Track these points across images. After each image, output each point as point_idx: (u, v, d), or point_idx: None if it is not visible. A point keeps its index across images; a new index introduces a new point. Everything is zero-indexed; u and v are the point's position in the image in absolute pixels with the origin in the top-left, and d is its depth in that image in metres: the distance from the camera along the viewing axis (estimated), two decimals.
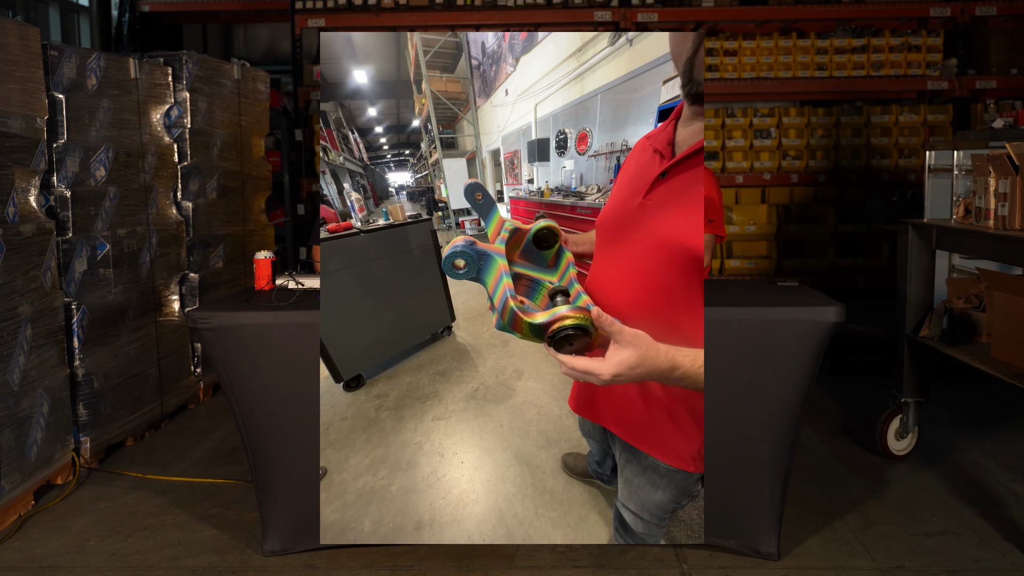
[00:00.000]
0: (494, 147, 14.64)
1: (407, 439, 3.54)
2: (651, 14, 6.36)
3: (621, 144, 6.89)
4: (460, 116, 17.25)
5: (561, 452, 3.19)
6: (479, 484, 3.03)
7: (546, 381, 4.19)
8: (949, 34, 6.52)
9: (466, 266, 1.31)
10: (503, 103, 13.22)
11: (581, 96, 8.14)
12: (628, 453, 1.81)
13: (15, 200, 2.82)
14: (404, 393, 4.24)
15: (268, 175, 4.97)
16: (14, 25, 2.83)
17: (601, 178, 7.43)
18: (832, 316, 2.30)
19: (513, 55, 11.49)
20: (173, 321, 3.90)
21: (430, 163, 19.66)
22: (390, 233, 4.79)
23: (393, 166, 33.32)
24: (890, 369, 4.45)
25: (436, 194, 19.38)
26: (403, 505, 2.90)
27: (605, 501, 2.79)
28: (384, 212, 5.22)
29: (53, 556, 2.57)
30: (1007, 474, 3.13)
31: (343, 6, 6.49)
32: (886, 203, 5.99)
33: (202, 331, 2.41)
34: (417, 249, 5.03)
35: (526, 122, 11.27)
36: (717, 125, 6.50)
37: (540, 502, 2.84)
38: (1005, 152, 2.67)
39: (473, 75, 15.71)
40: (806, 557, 2.50)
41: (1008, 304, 2.75)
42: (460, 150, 17.58)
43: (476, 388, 4.22)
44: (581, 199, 7.18)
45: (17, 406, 2.81)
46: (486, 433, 3.53)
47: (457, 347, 5.17)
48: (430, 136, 17.20)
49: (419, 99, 17.26)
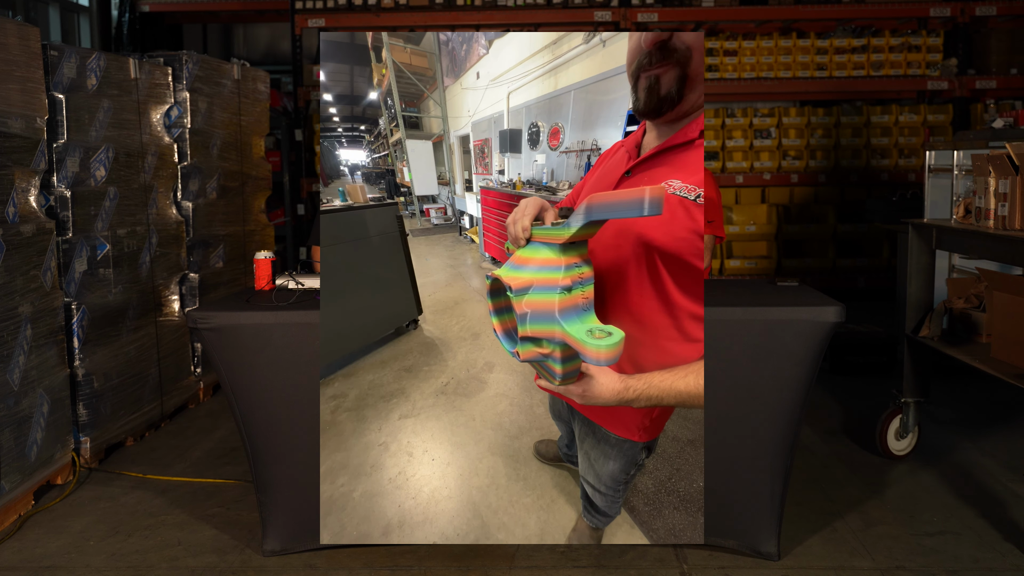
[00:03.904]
0: (463, 132, 13.40)
1: (370, 441, 3.38)
2: (651, 14, 6.37)
3: (592, 143, 6.86)
4: (426, 95, 15.98)
5: (533, 440, 3.20)
6: (451, 480, 2.98)
7: (518, 373, 4.13)
8: (949, 34, 6.52)
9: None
10: (474, 86, 12.30)
11: (555, 91, 8.06)
12: (586, 427, 2.02)
13: (15, 200, 2.82)
14: (365, 392, 4.02)
15: (268, 175, 4.97)
16: (14, 25, 2.83)
17: (572, 175, 7.40)
18: (832, 316, 2.30)
19: (487, 37, 11.03)
20: (173, 321, 3.90)
21: (391, 143, 17.92)
22: (348, 216, 4.37)
23: (345, 141, 30.03)
24: (890, 369, 4.45)
25: (398, 177, 17.73)
26: (367, 511, 2.79)
27: (574, 482, 2.81)
28: (341, 192, 4.82)
29: (53, 556, 2.57)
30: (1007, 474, 3.13)
31: (343, 6, 6.49)
32: (886, 203, 6.00)
33: (202, 331, 2.41)
34: (379, 236, 4.64)
35: (498, 110, 10.68)
36: (717, 125, 6.51)
37: (514, 490, 2.84)
38: (1005, 152, 2.67)
39: (441, 51, 14.18)
40: (806, 557, 2.50)
41: (1008, 304, 2.75)
42: (426, 132, 16.25)
43: (446, 383, 4.08)
44: (553, 194, 7.15)
45: (17, 406, 2.81)
46: (457, 428, 3.46)
47: (424, 341, 4.96)
48: (391, 113, 15.74)
49: (378, 68, 15.87)
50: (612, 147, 1.92)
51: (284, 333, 2.39)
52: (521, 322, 1.37)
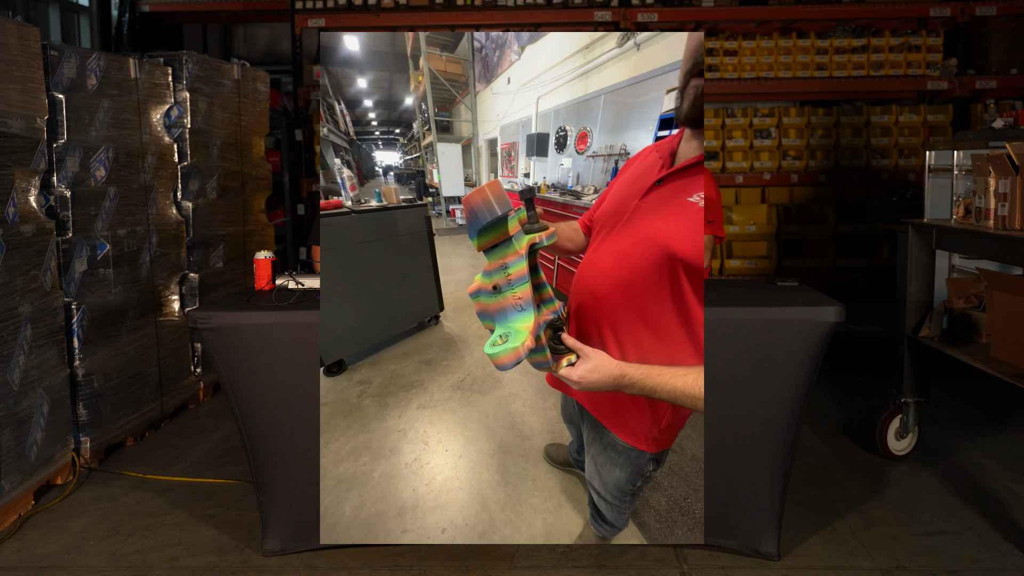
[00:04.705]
0: (491, 136, 13.99)
1: (390, 426, 3.52)
2: (651, 14, 6.37)
3: (620, 148, 6.87)
4: (458, 99, 16.60)
5: (544, 443, 3.22)
6: (463, 471, 3.04)
7: (532, 374, 4.14)
8: (949, 34, 6.52)
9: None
10: (504, 91, 12.80)
11: (584, 95, 8.10)
12: (594, 432, 1.99)
13: (15, 200, 2.82)
14: (388, 380, 4.19)
15: (268, 175, 4.97)
16: (14, 25, 2.83)
17: (598, 179, 7.41)
18: (832, 316, 2.30)
19: (519, 43, 11.33)
20: (173, 321, 3.90)
21: (423, 145, 18.99)
22: (382, 216, 4.65)
23: (381, 144, 31.64)
24: (890, 369, 4.45)
25: (427, 178, 18.67)
26: (385, 491, 2.90)
27: (583, 488, 2.82)
28: (377, 193, 5.10)
29: (53, 556, 2.57)
30: (1007, 474, 3.13)
31: (343, 6, 6.49)
32: (886, 203, 6.00)
33: (202, 331, 2.41)
34: (409, 234, 4.89)
35: (526, 114, 11.00)
36: (717, 125, 6.51)
37: (522, 489, 2.87)
38: (1005, 152, 2.67)
39: (475, 58, 14.85)
40: (806, 557, 2.50)
41: (1008, 304, 2.75)
42: (456, 135, 16.88)
43: (462, 378, 4.19)
44: (577, 198, 7.17)
45: (17, 406, 2.81)
46: (471, 423, 3.53)
47: (444, 337, 5.10)
48: (424, 117, 16.64)
49: (415, 76, 16.57)
50: (642, 151, 1.92)
51: (284, 333, 2.39)
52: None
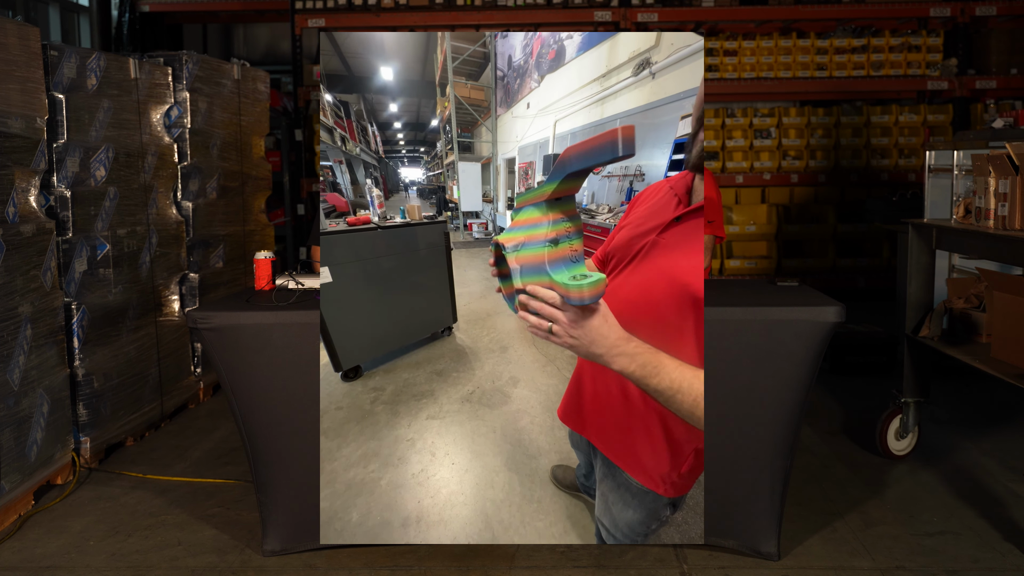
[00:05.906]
0: (510, 155, 15.14)
1: (400, 435, 3.55)
2: (651, 14, 6.37)
3: (635, 169, 6.94)
4: (480, 122, 17.77)
5: (551, 463, 3.17)
6: (468, 486, 3.02)
7: (541, 391, 4.17)
8: (949, 34, 6.52)
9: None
10: (524, 115, 13.61)
11: (601, 118, 8.22)
12: (606, 468, 1.89)
13: (15, 200, 2.82)
14: (400, 389, 4.25)
15: (268, 175, 4.97)
16: (14, 25, 2.83)
17: (613, 199, 7.49)
18: (832, 316, 2.30)
19: (539, 72, 11.91)
20: (173, 321, 3.90)
21: (445, 163, 20.45)
22: (405, 231, 4.88)
23: (407, 161, 35.14)
24: (890, 369, 4.45)
25: (447, 194, 19.92)
26: (391, 500, 2.90)
27: (589, 515, 2.76)
28: (402, 210, 5.36)
29: (53, 556, 2.57)
30: (1007, 474, 3.13)
31: (343, 6, 6.49)
32: (886, 203, 6.00)
33: (202, 331, 2.41)
34: (428, 248, 5.09)
35: (544, 136, 11.60)
36: (717, 125, 6.51)
37: (527, 511, 2.82)
38: (1005, 152, 2.67)
39: (497, 85, 16.34)
40: (806, 557, 2.50)
41: (1008, 304, 2.75)
42: (476, 155, 18.05)
43: (472, 391, 4.21)
44: (592, 217, 7.23)
45: (17, 406, 2.81)
46: (478, 437, 3.52)
47: (456, 348, 5.17)
48: (447, 137, 17.86)
49: (442, 101, 17.96)
50: (653, 186, 1.87)
51: (284, 333, 2.39)
52: (514, 276, 1.46)
